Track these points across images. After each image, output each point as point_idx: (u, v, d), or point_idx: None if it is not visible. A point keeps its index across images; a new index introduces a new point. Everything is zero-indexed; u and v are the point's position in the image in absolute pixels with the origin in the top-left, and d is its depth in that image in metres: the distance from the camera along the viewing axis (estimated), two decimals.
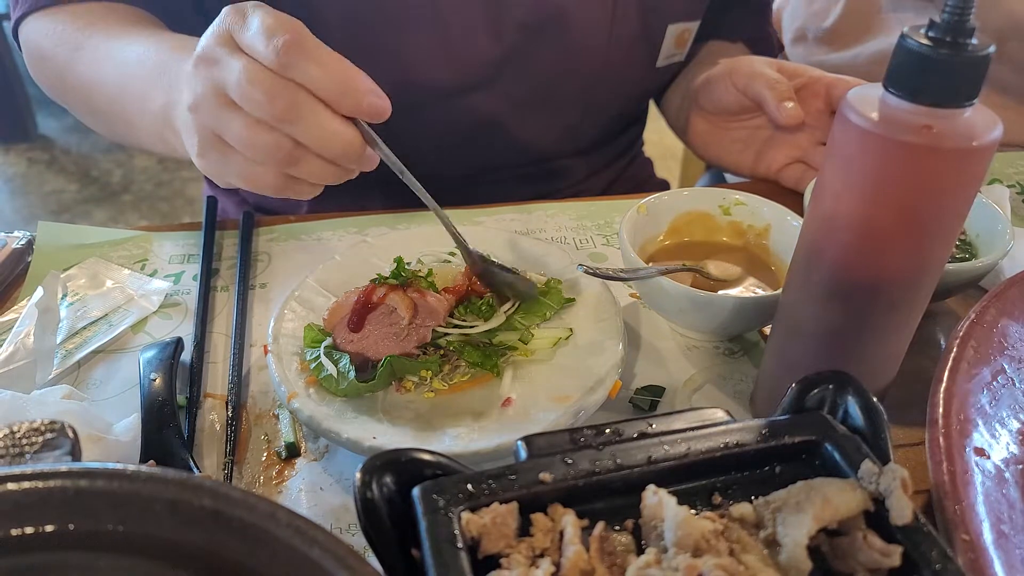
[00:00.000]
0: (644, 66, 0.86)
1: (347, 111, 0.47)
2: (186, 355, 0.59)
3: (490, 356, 0.55)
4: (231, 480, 0.50)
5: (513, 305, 0.59)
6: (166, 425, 0.50)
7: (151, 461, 0.48)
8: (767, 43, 0.96)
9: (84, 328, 0.61)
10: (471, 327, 0.56)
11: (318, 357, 0.53)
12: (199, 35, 0.50)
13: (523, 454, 0.36)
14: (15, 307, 0.64)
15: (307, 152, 0.48)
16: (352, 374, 0.52)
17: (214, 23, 0.49)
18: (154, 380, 0.53)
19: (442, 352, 0.56)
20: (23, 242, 0.70)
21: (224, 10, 0.49)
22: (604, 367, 0.53)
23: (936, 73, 0.38)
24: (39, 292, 0.64)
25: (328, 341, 0.55)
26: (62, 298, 0.64)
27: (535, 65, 0.79)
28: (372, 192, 0.88)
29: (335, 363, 0.53)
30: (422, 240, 0.65)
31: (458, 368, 0.55)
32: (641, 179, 1.04)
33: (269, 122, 0.46)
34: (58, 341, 0.60)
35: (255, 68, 0.45)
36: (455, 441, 0.48)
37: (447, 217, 0.56)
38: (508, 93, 0.80)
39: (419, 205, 0.80)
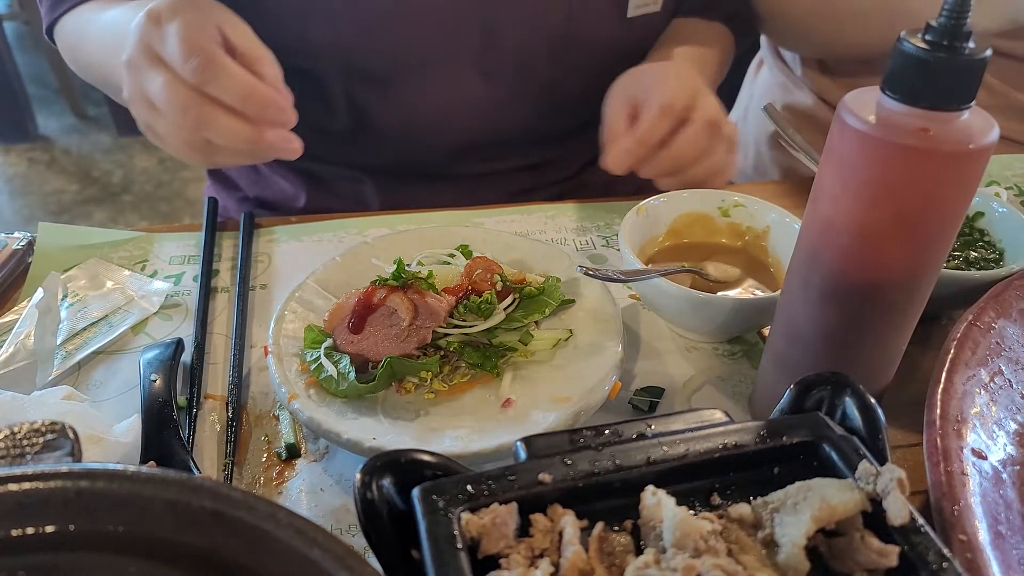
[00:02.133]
0: (614, 19, 0.81)
1: (252, 115, 0.56)
2: (186, 356, 0.59)
3: (490, 357, 0.55)
4: (231, 481, 0.50)
5: (513, 302, 0.59)
6: (166, 426, 0.50)
7: (151, 462, 0.48)
8: (744, 21, 0.92)
9: (84, 329, 0.61)
10: (471, 326, 0.57)
11: (318, 358, 0.53)
12: None
13: (523, 455, 0.36)
14: (15, 308, 0.64)
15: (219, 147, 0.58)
16: (352, 375, 0.52)
17: (135, 29, 0.56)
18: (154, 381, 0.54)
19: (442, 353, 0.56)
20: (23, 243, 0.70)
21: (143, 17, 0.56)
22: (603, 368, 0.53)
23: (933, 76, 0.38)
24: (39, 293, 0.64)
25: (328, 342, 0.55)
26: (62, 299, 0.64)
27: (495, 29, 0.77)
28: (372, 192, 0.89)
29: (335, 364, 0.53)
30: (422, 241, 0.66)
31: (458, 369, 0.55)
32: (641, 180, 1.04)
33: (186, 127, 0.56)
34: (58, 342, 0.60)
35: (173, 84, 0.55)
36: (455, 442, 0.48)
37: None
38: (474, 63, 0.79)
39: (419, 205, 0.81)
